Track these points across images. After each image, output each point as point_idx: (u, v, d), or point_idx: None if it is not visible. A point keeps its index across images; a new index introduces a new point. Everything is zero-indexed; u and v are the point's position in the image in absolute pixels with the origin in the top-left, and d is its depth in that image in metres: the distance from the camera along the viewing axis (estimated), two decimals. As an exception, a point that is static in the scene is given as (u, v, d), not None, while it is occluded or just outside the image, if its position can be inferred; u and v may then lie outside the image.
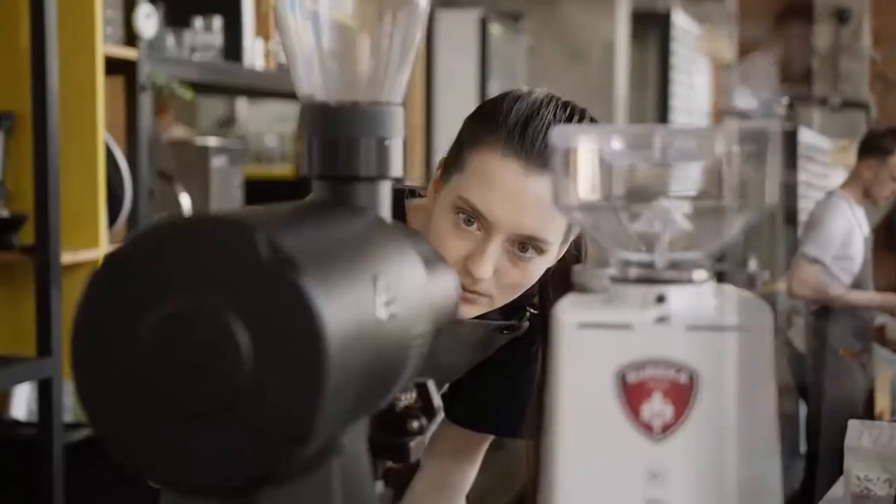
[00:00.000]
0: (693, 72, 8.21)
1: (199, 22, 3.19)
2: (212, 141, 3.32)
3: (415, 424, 0.84)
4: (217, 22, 3.21)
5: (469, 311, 1.32)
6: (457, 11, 5.38)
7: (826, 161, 7.71)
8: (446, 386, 1.56)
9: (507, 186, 1.26)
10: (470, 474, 1.60)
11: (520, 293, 1.34)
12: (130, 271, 0.61)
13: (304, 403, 0.60)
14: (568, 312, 0.68)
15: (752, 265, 6.30)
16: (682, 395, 0.66)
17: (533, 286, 1.36)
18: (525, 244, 1.28)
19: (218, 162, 3.19)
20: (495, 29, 5.38)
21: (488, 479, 4.59)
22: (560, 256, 1.36)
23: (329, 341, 0.59)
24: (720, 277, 0.70)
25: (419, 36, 0.79)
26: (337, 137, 0.76)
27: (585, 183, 0.70)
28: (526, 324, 1.45)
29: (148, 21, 2.78)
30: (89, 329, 0.63)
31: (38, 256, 2.41)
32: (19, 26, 2.48)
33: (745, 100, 4.41)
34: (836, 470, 4.76)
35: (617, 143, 0.69)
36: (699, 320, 0.66)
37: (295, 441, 0.60)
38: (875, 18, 9.18)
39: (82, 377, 0.63)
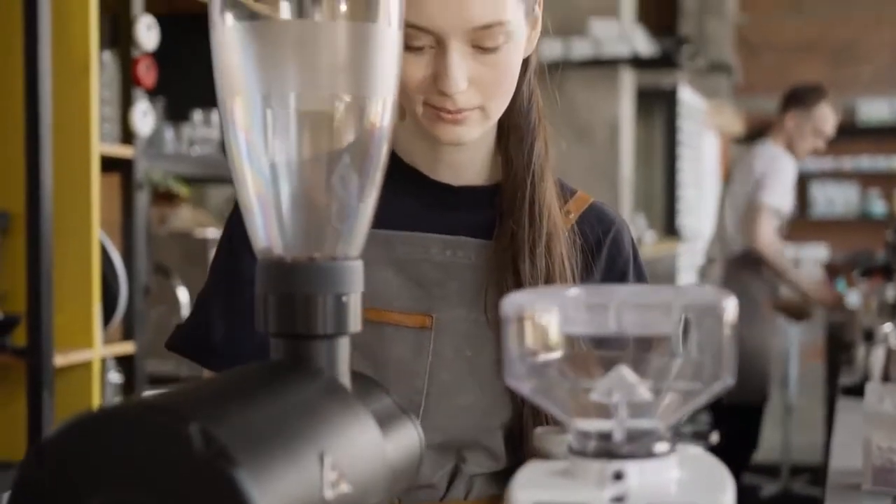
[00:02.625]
0: (701, 146, 8.22)
1: (197, 115, 3.20)
2: (211, 232, 3.31)
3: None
4: (216, 115, 3.22)
5: (468, 133, 1.21)
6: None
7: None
8: None
9: None
10: None
11: (510, 93, 1.22)
12: (59, 463, 0.59)
13: None
14: (523, 490, 0.65)
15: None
16: (641, 580, 0.63)
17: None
18: (485, 37, 1.16)
19: (218, 254, 3.18)
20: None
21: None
22: (534, 39, 1.26)
23: (266, 536, 0.57)
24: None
25: (376, 191, 0.77)
26: (293, 294, 0.74)
27: (538, 351, 0.67)
28: None
29: (145, 119, 2.78)
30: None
31: (30, 359, 2.39)
32: (15, 126, 2.49)
33: None
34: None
35: (571, 312, 0.66)
36: (659, 499, 0.64)
37: None
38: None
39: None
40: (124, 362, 2.85)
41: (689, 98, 7.54)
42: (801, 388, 5.68)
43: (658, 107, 7.29)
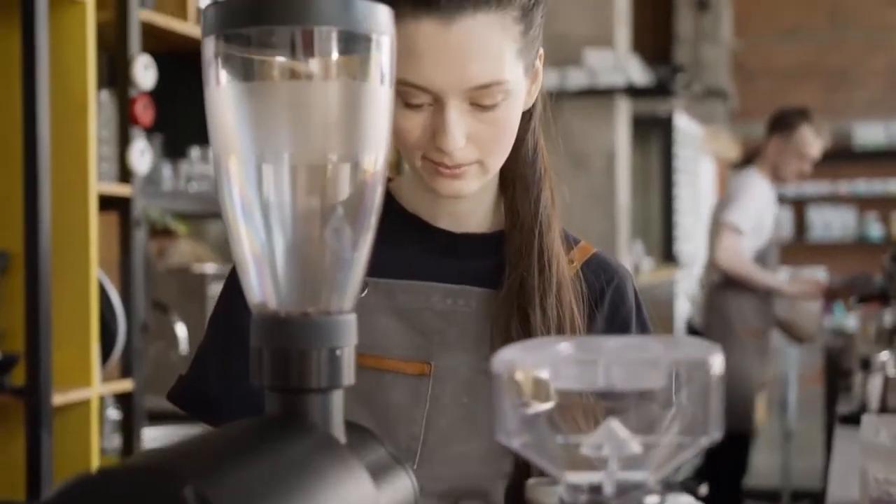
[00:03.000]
0: (697, 171, 8.24)
1: (195, 152, 3.21)
2: (210, 267, 3.32)
3: None
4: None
5: (467, 186, 1.21)
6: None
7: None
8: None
9: (432, 47, 1.14)
10: None
11: (508, 147, 1.22)
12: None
13: None
14: (515, 544, 0.66)
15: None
16: None
17: None
18: (483, 96, 1.16)
19: (216, 289, 3.19)
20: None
21: None
22: (534, 92, 1.26)
23: None
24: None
25: (370, 242, 0.78)
26: (287, 348, 0.75)
27: (528, 406, 0.68)
28: None
29: (142, 158, 2.79)
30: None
31: (28, 398, 2.40)
32: (13, 165, 2.50)
33: None
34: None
35: (561, 368, 0.67)
36: (649, 552, 0.65)
37: None
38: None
39: None
40: (123, 399, 2.85)
41: (684, 125, 7.56)
42: (801, 412, 5.68)
43: (654, 134, 7.31)
